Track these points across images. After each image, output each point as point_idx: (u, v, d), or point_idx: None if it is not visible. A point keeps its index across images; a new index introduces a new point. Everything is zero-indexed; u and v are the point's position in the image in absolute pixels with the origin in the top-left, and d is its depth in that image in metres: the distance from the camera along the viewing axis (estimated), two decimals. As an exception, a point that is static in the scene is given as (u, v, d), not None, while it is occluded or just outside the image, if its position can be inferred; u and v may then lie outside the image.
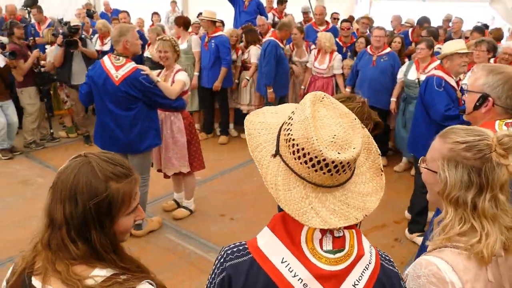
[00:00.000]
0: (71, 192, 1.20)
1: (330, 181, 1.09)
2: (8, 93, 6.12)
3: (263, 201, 4.93)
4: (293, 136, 1.08)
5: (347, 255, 1.11)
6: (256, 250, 1.13)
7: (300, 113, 1.09)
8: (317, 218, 1.07)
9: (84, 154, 1.28)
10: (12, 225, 4.33)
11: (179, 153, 4.23)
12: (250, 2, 7.94)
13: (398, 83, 5.66)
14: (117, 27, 3.93)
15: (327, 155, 1.03)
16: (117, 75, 3.71)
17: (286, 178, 1.10)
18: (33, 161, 6.03)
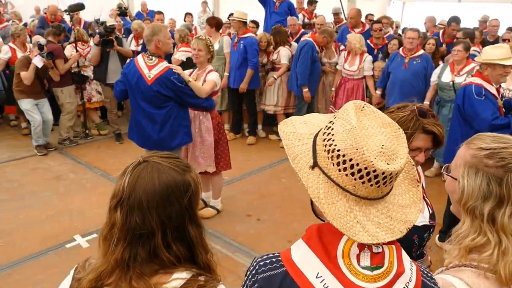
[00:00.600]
0: (163, 196, 1.17)
1: (375, 193, 1.04)
2: (44, 92, 6.34)
3: (290, 202, 4.92)
4: (337, 147, 1.03)
5: (386, 273, 1.06)
6: (289, 263, 1.09)
7: (343, 123, 1.05)
8: (364, 233, 1.03)
9: (143, 160, 1.24)
10: (47, 219, 4.47)
11: (206, 152, 4.26)
12: (281, 3, 7.94)
13: (431, 86, 5.54)
14: (149, 26, 3.98)
15: (377, 166, 0.99)
16: (150, 75, 3.77)
17: (328, 191, 1.05)
18: (66, 157, 6.20)
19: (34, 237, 4.12)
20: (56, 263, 3.72)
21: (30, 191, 5.07)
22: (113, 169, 5.76)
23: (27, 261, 3.75)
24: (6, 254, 3.83)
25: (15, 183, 5.29)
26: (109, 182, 5.37)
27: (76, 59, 6.49)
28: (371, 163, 0.99)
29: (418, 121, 1.83)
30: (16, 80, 6.05)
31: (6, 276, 3.55)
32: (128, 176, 1.20)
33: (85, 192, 5.11)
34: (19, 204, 4.76)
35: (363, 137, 1.01)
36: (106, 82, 6.51)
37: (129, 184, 1.18)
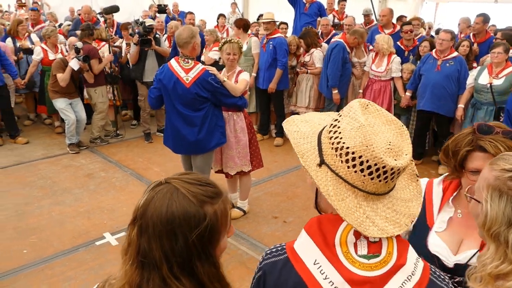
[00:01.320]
0: (168, 226, 1.07)
1: (383, 189, 1.08)
2: (77, 92, 6.53)
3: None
4: (346, 144, 1.05)
5: (383, 262, 1.07)
6: (291, 250, 1.14)
7: (350, 121, 1.07)
8: (374, 227, 1.05)
9: (165, 180, 1.14)
10: (78, 215, 4.59)
11: (241, 152, 4.29)
12: (311, 4, 7.89)
13: (467, 89, 5.39)
14: (185, 29, 3.89)
15: (387, 162, 1.02)
16: (188, 78, 3.79)
17: (336, 188, 1.08)
18: (97, 155, 6.34)
19: (66, 234, 4.23)
20: (86, 260, 3.81)
21: (62, 188, 5.21)
22: (141, 168, 5.86)
23: (59, 257, 3.85)
24: (39, 250, 3.95)
25: (49, 180, 5.45)
26: (137, 181, 5.46)
27: (109, 60, 6.65)
28: (381, 159, 1.02)
29: (474, 137, 1.60)
30: (51, 81, 6.24)
31: (38, 272, 3.65)
32: (146, 195, 1.13)
33: (115, 190, 5.21)
34: (52, 200, 4.90)
35: (372, 135, 1.04)
36: (142, 81, 6.64)
37: (143, 204, 1.12)
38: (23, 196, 4.99)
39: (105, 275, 3.80)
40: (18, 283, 3.50)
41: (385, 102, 6.21)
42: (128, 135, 7.26)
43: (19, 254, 3.88)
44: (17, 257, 3.83)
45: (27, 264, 3.74)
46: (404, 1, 11.48)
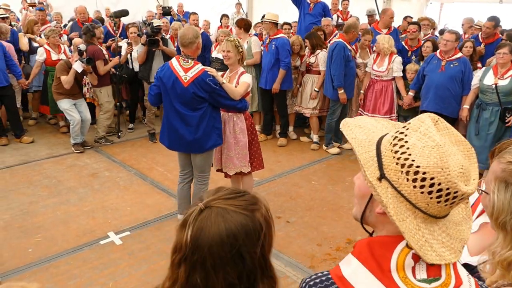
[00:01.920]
0: (233, 250, 1.03)
1: (444, 212, 1.02)
2: (81, 93, 6.60)
3: (320, 205, 4.89)
4: (417, 163, 0.97)
5: (444, 285, 1.02)
6: (341, 280, 1.05)
7: (422, 137, 1.00)
8: (432, 252, 1.00)
9: (204, 206, 1.08)
10: (83, 215, 4.62)
11: (240, 153, 4.29)
12: (315, 4, 7.88)
13: (472, 90, 5.38)
14: (189, 29, 3.93)
15: (460, 188, 0.97)
16: (186, 77, 3.81)
17: (397, 206, 1.00)
18: (101, 155, 6.38)
19: (71, 232, 4.26)
20: (90, 259, 3.84)
21: (67, 188, 5.25)
22: (145, 168, 5.89)
23: (64, 256, 3.88)
24: (44, 249, 3.98)
25: (53, 179, 5.49)
26: (142, 181, 5.49)
27: (115, 63, 6.69)
28: (455, 184, 0.96)
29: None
30: (55, 83, 6.30)
31: (43, 270, 3.69)
32: (190, 228, 1.05)
33: (119, 190, 5.24)
34: (57, 199, 4.93)
35: (447, 157, 0.97)
36: (149, 81, 6.67)
37: (192, 238, 1.04)
38: (28, 195, 5.03)
39: (109, 274, 3.85)
40: (24, 281, 3.52)
41: (386, 102, 6.21)
42: (132, 135, 7.30)
43: (25, 253, 3.91)
44: (22, 256, 3.87)
45: (32, 263, 3.77)
46: (409, 1, 11.46)
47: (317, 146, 6.75)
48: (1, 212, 4.61)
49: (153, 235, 4.25)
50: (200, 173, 4.20)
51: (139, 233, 4.28)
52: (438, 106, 5.53)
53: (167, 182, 5.48)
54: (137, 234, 4.26)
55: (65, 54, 7.02)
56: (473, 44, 5.87)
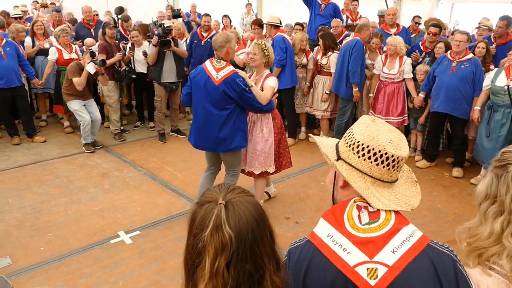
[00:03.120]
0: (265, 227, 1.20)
1: (386, 176, 1.36)
2: (91, 93, 6.68)
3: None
4: (356, 139, 1.36)
5: (382, 225, 1.29)
6: (311, 234, 1.38)
7: (360, 124, 1.41)
8: (379, 202, 1.33)
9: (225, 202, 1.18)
10: (93, 214, 4.67)
11: (267, 152, 4.43)
12: (326, 5, 7.86)
13: (483, 91, 5.33)
14: (222, 34, 4.19)
15: (388, 150, 1.32)
16: (218, 76, 3.98)
17: (350, 174, 1.37)
18: (112, 155, 6.44)
19: (82, 232, 4.31)
20: (101, 258, 3.88)
21: (78, 187, 5.30)
22: (155, 168, 5.93)
23: (75, 255, 3.92)
24: (56, 247, 4.03)
25: (65, 179, 5.55)
26: (151, 181, 5.53)
27: (118, 59, 6.77)
28: (384, 147, 1.32)
29: None
30: (66, 84, 6.38)
31: (55, 268, 3.73)
32: (226, 224, 1.14)
33: (129, 189, 5.28)
34: (68, 199, 4.99)
35: (377, 131, 1.35)
36: (160, 81, 6.72)
37: (234, 231, 1.13)
38: (40, 194, 5.09)
39: (119, 273, 3.89)
40: (35, 279, 3.58)
41: (399, 104, 6.18)
42: (142, 135, 7.35)
43: (37, 251, 3.97)
44: (34, 254, 3.92)
45: (44, 261, 3.82)
46: (419, 2, 11.40)
47: (326, 147, 6.72)
48: (14, 211, 4.68)
49: (163, 234, 4.28)
50: (229, 168, 4.39)
51: (149, 233, 4.32)
52: (449, 107, 5.49)
53: (176, 182, 5.51)
54: (147, 234, 4.30)
55: (77, 53, 7.10)
56: (486, 45, 5.81)
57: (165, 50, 6.55)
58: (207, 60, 4.17)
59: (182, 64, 6.94)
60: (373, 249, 1.25)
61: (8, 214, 4.61)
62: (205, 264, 1.14)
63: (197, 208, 1.21)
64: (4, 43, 6.34)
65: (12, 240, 4.14)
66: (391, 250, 1.24)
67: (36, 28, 7.33)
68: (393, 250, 1.24)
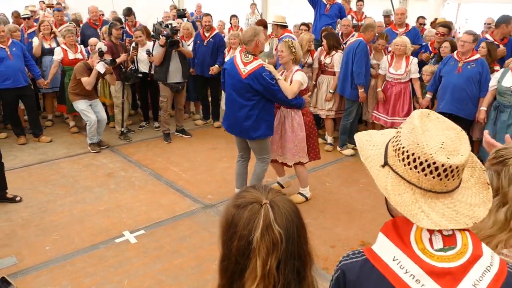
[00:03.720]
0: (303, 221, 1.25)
1: (439, 186, 1.14)
2: (96, 93, 6.71)
3: (334, 207, 4.87)
4: (402, 144, 1.18)
5: (460, 253, 1.13)
6: (369, 251, 1.22)
7: (408, 125, 1.20)
8: (427, 220, 1.12)
9: (265, 202, 1.20)
10: (99, 214, 4.68)
11: (299, 145, 4.66)
12: (331, 5, 7.84)
13: (489, 91, 5.30)
14: (250, 28, 4.42)
15: (436, 159, 1.11)
16: (245, 70, 4.21)
17: (396, 185, 1.18)
18: (117, 155, 6.46)
19: (86, 231, 4.32)
20: (106, 257, 3.89)
21: (83, 187, 5.32)
22: (160, 168, 5.94)
23: (80, 254, 3.94)
24: (61, 247, 4.05)
25: (70, 178, 5.57)
26: (156, 181, 5.54)
27: (124, 59, 6.79)
28: (430, 155, 1.11)
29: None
30: (72, 84, 6.40)
31: (60, 268, 3.75)
32: (275, 223, 1.16)
33: (134, 189, 5.30)
34: (73, 198, 5.01)
35: (423, 135, 1.14)
36: (166, 82, 6.72)
37: (282, 228, 1.16)
38: (45, 194, 5.12)
39: (124, 273, 3.90)
40: (41, 278, 3.60)
41: (405, 104, 6.15)
42: (148, 135, 7.37)
43: (42, 250, 3.99)
44: (40, 253, 3.94)
45: (49, 260, 3.84)
46: (425, 2, 11.34)
47: (331, 148, 6.73)
48: (20, 210, 4.70)
49: (167, 234, 4.29)
50: (258, 156, 4.62)
51: (154, 232, 4.32)
52: (455, 108, 5.46)
53: (181, 182, 5.52)
54: (151, 233, 4.31)
55: (82, 53, 7.14)
56: (486, 45, 5.76)
57: (174, 50, 6.56)
58: (237, 52, 4.47)
59: (187, 64, 6.95)
60: (451, 282, 1.10)
61: (14, 214, 4.63)
62: (256, 265, 1.14)
63: (239, 210, 1.19)
64: (11, 44, 6.38)
65: (18, 239, 4.16)
66: (472, 283, 1.10)
67: (43, 28, 7.37)
68: (474, 283, 1.10)
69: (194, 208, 4.85)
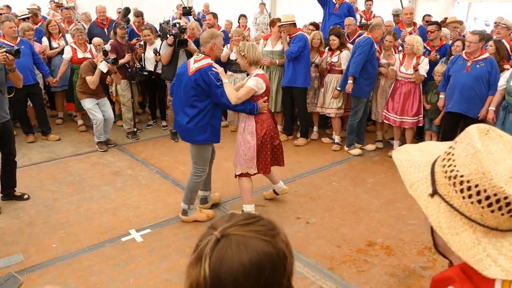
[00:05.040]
0: (259, 282, 0.91)
1: (507, 223, 0.95)
2: (104, 92, 6.73)
3: (340, 207, 4.84)
4: (460, 172, 0.96)
5: None
6: None
7: (466, 147, 0.97)
8: (496, 267, 0.92)
9: (219, 235, 0.95)
10: (105, 212, 4.70)
11: (247, 154, 4.31)
12: (341, 4, 7.81)
13: (498, 91, 5.24)
14: (208, 31, 4.35)
15: (509, 193, 0.90)
16: (192, 67, 4.11)
17: (451, 221, 0.98)
18: (124, 154, 6.48)
19: (93, 229, 4.34)
20: (112, 256, 3.90)
21: (90, 185, 5.35)
22: (167, 167, 5.95)
23: (86, 252, 3.95)
24: (68, 245, 4.07)
25: (77, 177, 5.60)
26: (163, 180, 5.55)
27: (128, 60, 6.81)
28: (501, 189, 0.90)
29: None
30: (79, 82, 6.45)
31: (66, 265, 3.76)
32: (207, 261, 0.92)
33: (141, 188, 5.31)
34: (80, 197, 5.04)
35: (490, 161, 0.93)
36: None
37: (211, 271, 0.91)
38: (53, 192, 5.15)
39: (129, 271, 3.90)
40: (47, 276, 3.61)
41: (415, 104, 6.09)
42: (155, 133, 7.39)
43: (49, 248, 4.01)
44: (46, 251, 3.96)
45: (56, 258, 3.86)
46: (435, 1, 11.25)
47: (338, 147, 6.69)
48: (27, 208, 4.74)
49: (173, 233, 4.29)
50: (193, 164, 4.38)
51: (160, 231, 4.33)
52: (463, 107, 5.41)
53: (188, 181, 5.52)
54: (157, 232, 4.31)
55: (91, 53, 7.17)
56: (495, 44, 5.68)
57: (182, 49, 6.56)
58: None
59: None
60: None
61: (22, 211, 4.67)
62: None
63: (206, 230, 1.02)
64: (19, 42, 6.42)
65: (25, 237, 4.19)
66: None
67: (51, 29, 7.43)
68: None
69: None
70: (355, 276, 3.67)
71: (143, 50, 7.05)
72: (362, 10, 9.36)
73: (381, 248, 4.05)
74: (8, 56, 4.41)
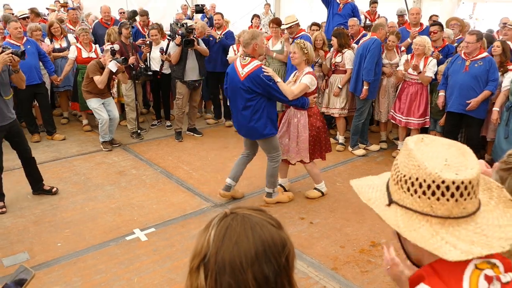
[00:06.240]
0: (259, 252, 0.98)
1: (457, 210, 1.00)
2: (109, 92, 6.77)
3: (344, 207, 4.85)
4: (402, 172, 1.06)
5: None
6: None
7: (403, 152, 1.08)
8: (455, 251, 0.97)
9: (229, 212, 1.05)
10: (110, 211, 4.72)
11: (301, 146, 4.75)
12: (345, 4, 7.80)
13: (502, 92, 5.22)
14: (249, 31, 4.56)
15: (445, 176, 0.98)
16: (243, 72, 4.31)
17: (408, 220, 1.04)
18: (129, 153, 6.51)
19: (98, 228, 4.36)
20: (117, 255, 3.92)
21: (95, 184, 5.38)
22: (171, 167, 5.97)
23: (91, 251, 3.98)
24: (73, 244, 4.09)
25: (82, 176, 5.63)
26: (167, 179, 5.57)
27: (132, 62, 6.81)
28: (437, 174, 0.98)
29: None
30: (85, 82, 6.46)
31: (71, 264, 3.79)
32: (214, 229, 1.01)
33: (145, 188, 5.33)
34: (85, 196, 5.06)
35: (423, 156, 1.02)
36: (183, 80, 6.77)
37: (215, 238, 0.99)
38: (58, 191, 5.17)
39: (134, 270, 3.92)
40: (53, 274, 3.64)
41: (421, 105, 6.05)
42: (159, 133, 7.42)
43: (54, 247, 4.04)
44: (52, 250, 3.99)
45: (61, 257, 3.89)
46: (440, 1, 11.21)
47: (342, 148, 6.69)
48: (33, 207, 4.77)
49: (177, 232, 4.31)
50: (268, 154, 4.70)
51: (164, 230, 4.35)
52: (462, 107, 5.41)
53: (192, 181, 5.54)
54: (162, 231, 4.33)
55: (96, 53, 7.20)
56: (501, 44, 5.66)
57: (190, 49, 6.59)
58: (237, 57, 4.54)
59: (204, 62, 6.99)
60: None
61: (27, 210, 4.70)
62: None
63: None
64: (25, 41, 6.47)
65: (30, 235, 4.22)
66: None
67: (53, 31, 7.48)
68: None
69: (204, 206, 4.86)
70: (358, 276, 3.68)
71: (149, 49, 7.07)
72: (366, 10, 9.33)
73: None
74: (14, 57, 4.43)
